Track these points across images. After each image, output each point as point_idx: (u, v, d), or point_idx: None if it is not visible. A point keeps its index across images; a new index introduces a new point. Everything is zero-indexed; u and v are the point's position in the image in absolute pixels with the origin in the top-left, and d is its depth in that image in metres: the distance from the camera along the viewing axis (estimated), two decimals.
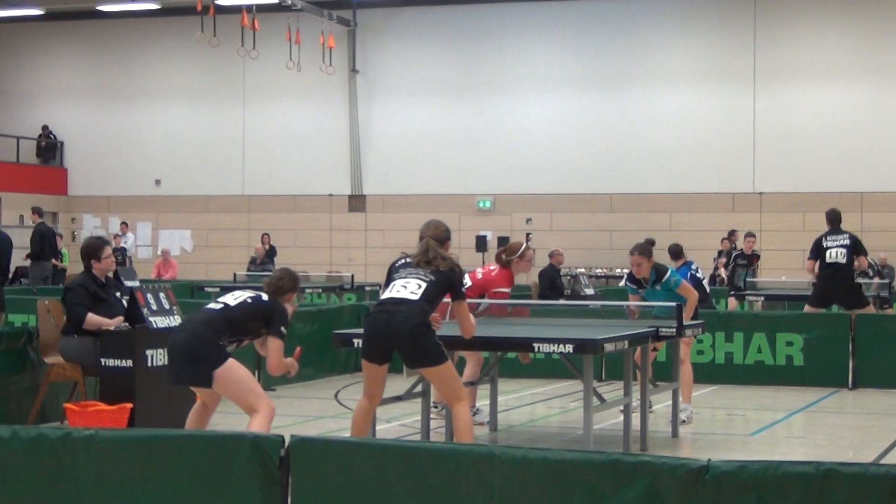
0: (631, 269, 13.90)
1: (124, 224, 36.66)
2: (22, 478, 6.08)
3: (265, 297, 9.82)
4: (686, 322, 12.35)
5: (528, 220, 35.26)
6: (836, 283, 19.26)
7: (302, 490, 5.76)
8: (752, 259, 27.74)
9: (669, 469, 5.35)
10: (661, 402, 14.54)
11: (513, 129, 35.59)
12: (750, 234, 28.18)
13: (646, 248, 13.84)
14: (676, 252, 16.69)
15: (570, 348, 10.63)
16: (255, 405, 9.39)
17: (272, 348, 9.68)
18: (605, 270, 34.67)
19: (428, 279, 9.82)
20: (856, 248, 19.39)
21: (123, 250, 34.39)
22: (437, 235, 10.19)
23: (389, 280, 10.07)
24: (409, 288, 9.75)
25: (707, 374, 17.49)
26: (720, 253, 29.67)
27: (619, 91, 34.82)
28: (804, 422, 15.13)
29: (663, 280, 13.59)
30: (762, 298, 23.75)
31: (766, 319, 18.38)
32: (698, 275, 16.07)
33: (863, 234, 26.39)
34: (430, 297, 9.77)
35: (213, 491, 5.83)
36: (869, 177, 32.48)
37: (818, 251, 19.51)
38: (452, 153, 35.95)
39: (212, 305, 9.81)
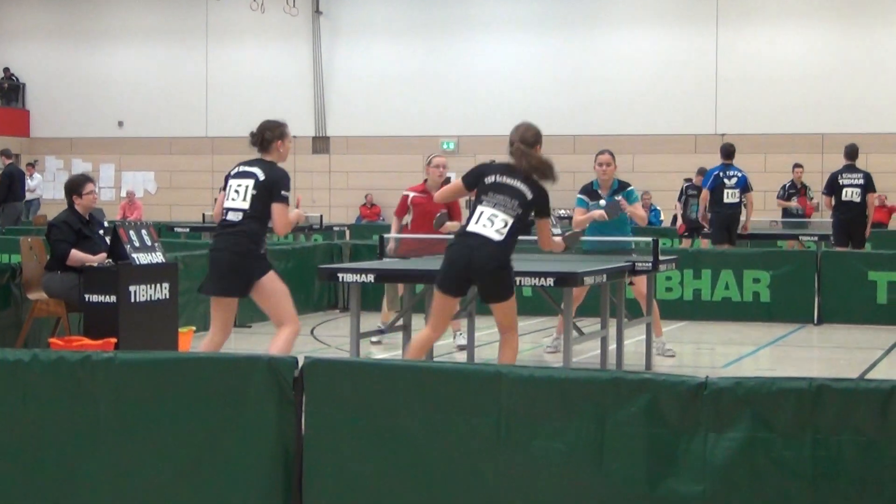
0: (595, 180, 14.12)
1: (30, 165, 36.09)
2: (42, 400, 6.27)
3: (260, 174, 10.00)
4: (661, 257, 12.59)
5: (493, 162, 35.39)
6: (852, 222, 19.93)
7: (315, 409, 5.98)
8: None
9: (669, 385, 5.60)
10: (630, 338, 14.77)
11: (477, 70, 35.68)
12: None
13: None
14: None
15: (551, 282, 10.86)
16: (285, 319, 9.89)
17: (276, 213, 9.93)
18: (568, 211, 34.81)
19: (515, 213, 9.62)
20: (868, 187, 20.07)
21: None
22: (525, 139, 9.92)
23: (477, 184, 9.88)
24: (494, 225, 9.54)
25: (675, 310, 17.78)
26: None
27: (582, 32, 34.94)
28: (772, 355, 15.46)
29: (626, 191, 13.85)
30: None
31: (733, 257, 18.67)
32: None
33: (824, 175, 26.63)
34: (515, 233, 9.66)
35: (230, 411, 6.04)
36: (830, 119, 32.75)
37: (833, 187, 20.21)
38: (416, 94, 36.02)
39: (231, 217, 9.99)
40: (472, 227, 9.60)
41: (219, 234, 10.22)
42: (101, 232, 13.20)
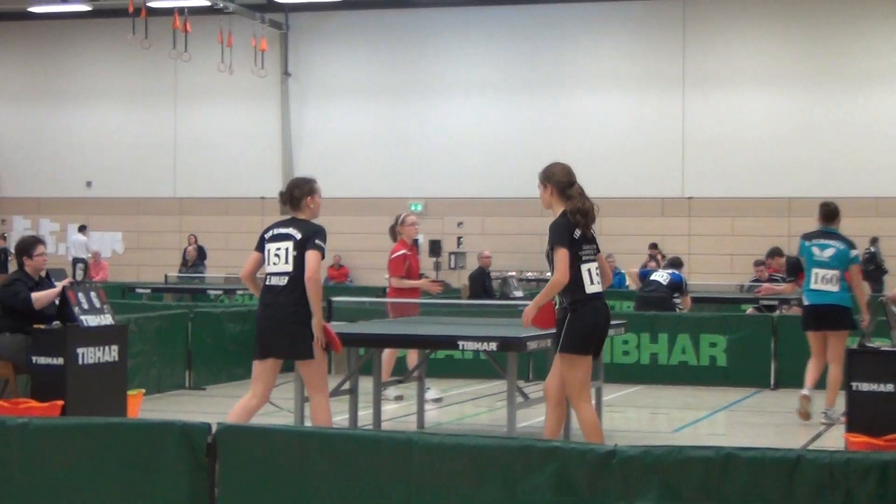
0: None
1: None
2: None
3: (297, 233, 10.08)
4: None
5: (460, 224, 35.50)
6: None
7: (228, 475, 5.95)
8: None
9: (578, 454, 5.59)
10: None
11: (444, 132, 35.79)
12: None
13: None
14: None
15: (494, 346, 10.88)
16: (321, 387, 10.08)
17: (307, 259, 9.94)
18: (536, 273, 34.92)
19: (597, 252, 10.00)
20: None
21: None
22: (573, 180, 10.51)
23: (574, 248, 9.80)
24: (595, 277, 9.88)
25: (632, 374, 17.81)
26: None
27: (549, 95, 35.08)
28: (726, 420, 15.45)
29: None
30: None
31: (690, 321, 18.69)
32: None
33: (790, 239, 26.76)
34: None
35: (143, 476, 6.02)
36: (797, 182, 32.86)
37: None
38: (384, 157, 36.10)
39: (275, 282, 10.05)
40: (591, 289, 9.78)
41: (266, 300, 10.16)
42: None
